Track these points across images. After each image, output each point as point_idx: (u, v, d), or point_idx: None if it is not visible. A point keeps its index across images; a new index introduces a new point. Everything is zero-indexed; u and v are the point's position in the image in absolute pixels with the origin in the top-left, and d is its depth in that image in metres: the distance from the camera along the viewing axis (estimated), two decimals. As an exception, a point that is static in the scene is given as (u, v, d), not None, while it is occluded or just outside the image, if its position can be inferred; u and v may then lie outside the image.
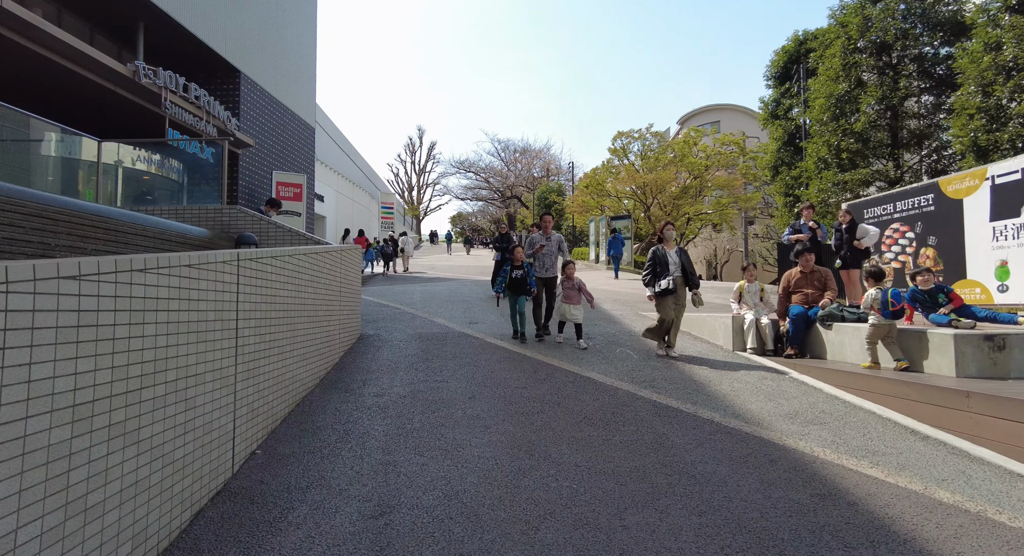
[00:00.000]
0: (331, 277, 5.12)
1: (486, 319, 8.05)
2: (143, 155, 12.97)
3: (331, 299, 5.10)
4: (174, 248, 5.20)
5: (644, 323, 7.83)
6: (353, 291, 6.27)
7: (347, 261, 5.97)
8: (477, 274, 17.45)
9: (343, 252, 5.74)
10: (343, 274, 5.71)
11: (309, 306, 4.38)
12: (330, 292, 5.08)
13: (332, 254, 5.19)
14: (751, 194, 22.81)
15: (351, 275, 6.13)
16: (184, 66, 13.59)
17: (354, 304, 6.32)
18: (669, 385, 4.79)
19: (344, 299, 5.72)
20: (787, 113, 15.83)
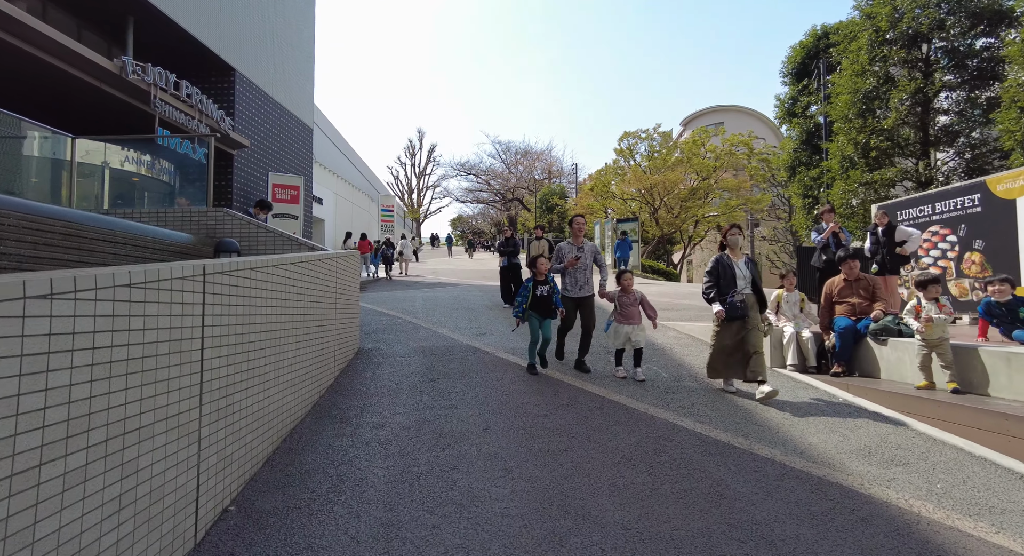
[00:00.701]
0: (326, 288, 4.53)
1: (495, 330, 7.45)
2: (132, 156, 12.41)
3: (325, 313, 4.52)
4: (149, 257, 4.62)
5: (669, 336, 7.24)
6: (351, 302, 5.69)
7: (344, 269, 5.38)
8: (480, 278, 16.87)
9: (340, 259, 5.16)
10: (340, 284, 5.12)
11: (299, 323, 3.79)
12: (324, 305, 4.49)
13: (327, 262, 4.61)
14: (760, 196, 22.25)
15: (349, 284, 5.55)
16: (176, 64, 13.03)
17: (352, 316, 5.73)
18: (711, 412, 4.20)
19: (341, 312, 5.14)
20: (805, 111, 15.23)
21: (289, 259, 3.64)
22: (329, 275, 4.65)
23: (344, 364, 5.36)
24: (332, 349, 4.75)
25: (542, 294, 5.14)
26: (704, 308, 9.63)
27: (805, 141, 15.34)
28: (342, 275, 5.22)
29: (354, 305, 5.84)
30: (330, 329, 4.66)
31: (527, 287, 5.16)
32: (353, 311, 5.78)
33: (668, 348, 6.42)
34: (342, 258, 5.24)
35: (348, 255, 5.49)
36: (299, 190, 16.03)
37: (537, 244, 9.35)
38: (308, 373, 3.98)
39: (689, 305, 10.28)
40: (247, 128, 15.30)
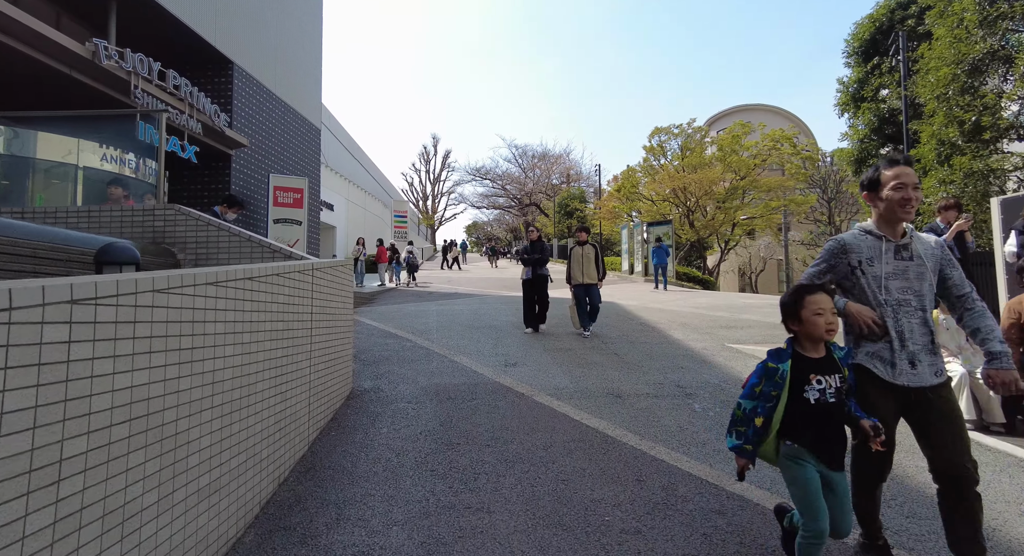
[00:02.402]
0: (293, 316, 3.06)
1: (528, 358, 5.91)
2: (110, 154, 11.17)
3: (293, 354, 3.04)
4: (40, 270, 3.18)
5: (744, 361, 5.62)
6: (338, 330, 4.21)
7: (328, 285, 3.90)
8: (501, 288, 15.34)
9: (320, 272, 3.68)
10: (320, 307, 3.64)
11: (237, 381, 2.30)
12: (291, 341, 3.01)
13: (296, 277, 3.13)
14: (806, 196, 20.43)
15: (334, 306, 4.07)
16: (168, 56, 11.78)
17: (340, 348, 4.25)
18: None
19: (321, 346, 3.65)
20: (876, 94, 13.41)
21: (235, 273, 2.16)
22: (299, 296, 3.16)
23: (328, 417, 3.86)
24: (305, 405, 3.26)
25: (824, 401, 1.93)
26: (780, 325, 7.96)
27: (876, 129, 13.48)
28: (323, 293, 3.73)
29: (343, 333, 4.35)
30: (301, 377, 3.17)
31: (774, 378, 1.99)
32: (342, 341, 4.29)
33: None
34: (323, 270, 3.75)
35: (332, 266, 4.00)
36: (303, 193, 14.73)
37: (580, 251, 7.47)
38: (254, 457, 2.49)
39: (753, 320, 8.62)
40: (247, 126, 14.03)
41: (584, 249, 7.48)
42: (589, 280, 7.29)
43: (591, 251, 7.48)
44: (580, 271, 7.33)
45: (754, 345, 6.60)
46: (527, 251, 8.00)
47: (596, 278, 7.35)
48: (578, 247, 7.55)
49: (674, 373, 5.27)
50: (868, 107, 13.44)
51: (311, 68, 18.67)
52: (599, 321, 7.78)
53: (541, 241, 8.11)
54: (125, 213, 4.50)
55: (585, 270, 7.32)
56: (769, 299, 12.49)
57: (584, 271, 7.32)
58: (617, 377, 5.12)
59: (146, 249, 4.27)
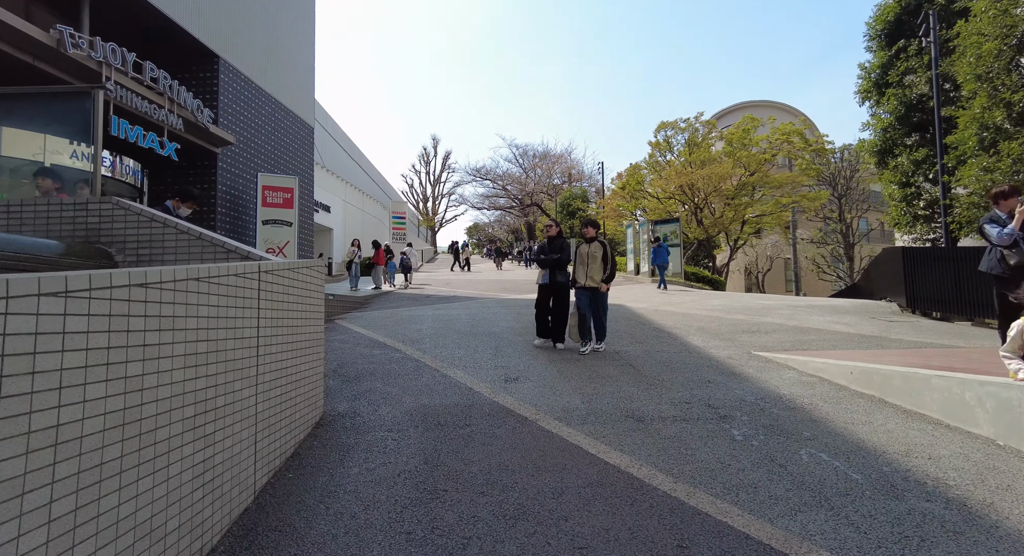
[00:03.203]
0: (232, 330, 2.35)
1: (531, 371, 5.18)
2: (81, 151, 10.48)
3: (233, 378, 2.33)
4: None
5: (788, 378, 4.89)
6: (305, 344, 3.50)
7: (291, 290, 3.20)
8: (501, 290, 14.62)
9: (277, 274, 2.98)
10: (278, 318, 2.94)
11: (135, 424, 1.59)
12: (232, 364, 2.31)
13: (235, 281, 2.43)
14: (818, 193, 19.65)
15: (299, 315, 3.36)
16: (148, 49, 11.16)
17: (307, 366, 3.54)
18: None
19: (276, 366, 2.95)
20: (902, 79, 12.61)
21: (53, 284, 1.45)
22: (238, 305, 2.45)
23: (287, 453, 3.14)
24: (249, 446, 2.55)
25: None
26: (806, 329, 7.24)
27: (902, 117, 12.65)
28: (279, 302, 3.02)
29: (311, 348, 3.64)
30: (242, 410, 2.46)
31: None
32: (309, 359, 3.58)
33: (809, 406, 4.06)
34: (279, 274, 3.04)
35: (293, 268, 3.29)
36: (293, 193, 14.04)
37: (586, 250, 6.31)
38: (148, 540, 1.77)
39: (776, 324, 7.89)
40: (234, 123, 13.35)
41: (591, 247, 6.31)
42: (594, 284, 6.21)
43: (598, 249, 6.29)
44: (584, 272, 6.27)
45: (784, 353, 5.87)
46: (543, 250, 6.60)
47: (600, 282, 6.23)
48: (584, 245, 6.40)
49: (701, 389, 4.55)
50: (893, 93, 12.57)
51: (303, 64, 17.99)
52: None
53: (562, 238, 6.65)
54: (52, 208, 3.80)
55: (590, 272, 6.24)
56: (787, 300, 11.75)
57: (589, 273, 6.24)
58: (635, 394, 4.40)
59: (73, 249, 3.57)
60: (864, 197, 24.84)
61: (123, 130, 9.40)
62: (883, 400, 4.09)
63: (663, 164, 20.83)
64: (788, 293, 31.61)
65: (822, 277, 26.39)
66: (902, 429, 3.49)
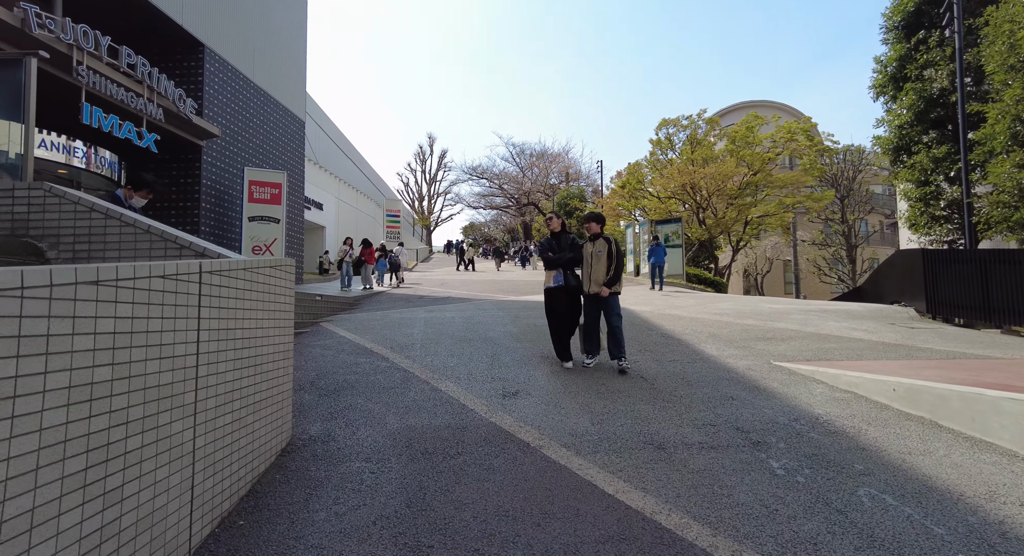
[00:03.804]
0: (158, 347, 1.81)
1: (532, 384, 4.64)
2: (50, 141, 9.87)
3: (160, 410, 1.79)
4: None
5: (818, 394, 4.37)
6: (268, 359, 2.96)
7: (249, 295, 2.66)
8: (497, 291, 14.08)
9: (227, 276, 2.44)
10: (228, 328, 2.40)
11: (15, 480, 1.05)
12: (156, 391, 1.77)
13: (161, 284, 1.89)
14: (823, 193, 19.20)
15: (259, 325, 2.82)
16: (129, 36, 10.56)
17: (270, 385, 2.99)
18: None
19: (226, 390, 2.40)
20: (921, 73, 12.12)
21: None
22: (169, 316, 1.91)
23: (242, 491, 2.60)
24: (185, 491, 2.00)
25: None
26: (824, 336, 6.70)
27: (921, 112, 12.11)
28: (229, 310, 2.47)
29: (276, 363, 3.09)
30: (174, 448, 1.92)
31: None
32: (273, 376, 3.03)
33: (852, 430, 3.53)
34: (229, 275, 2.49)
35: (250, 268, 2.74)
36: (281, 188, 13.44)
37: (591, 248, 5.42)
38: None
39: (792, 331, 7.38)
40: (220, 115, 12.75)
41: (595, 245, 5.41)
42: (597, 288, 5.36)
43: (602, 247, 5.39)
44: (587, 276, 5.40)
45: (808, 364, 5.36)
46: (550, 247, 5.54)
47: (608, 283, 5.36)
48: (588, 243, 5.50)
49: (724, 406, 4.02)
50: (912, 87, 12.03)
51: (295, 56, 17.37)
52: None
53: (567, 232, 5.61)
54: (-27, 195, 3.24)
55: (594, 273, 5.35)
56: (797, 304, 11.26)
57: (592, 275, 5.36)
58: (651, 414, 3.87)
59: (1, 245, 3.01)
60: (867, 198, 24.47)
61: (96, 118, 8.80)
62: (936, 424, 3.57)
63: (664, 162, 20.32)
64: (788, 295, 31.21)
65: (824, 279, 25.96)
66: (972, 463, 2.97)
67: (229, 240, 12.69)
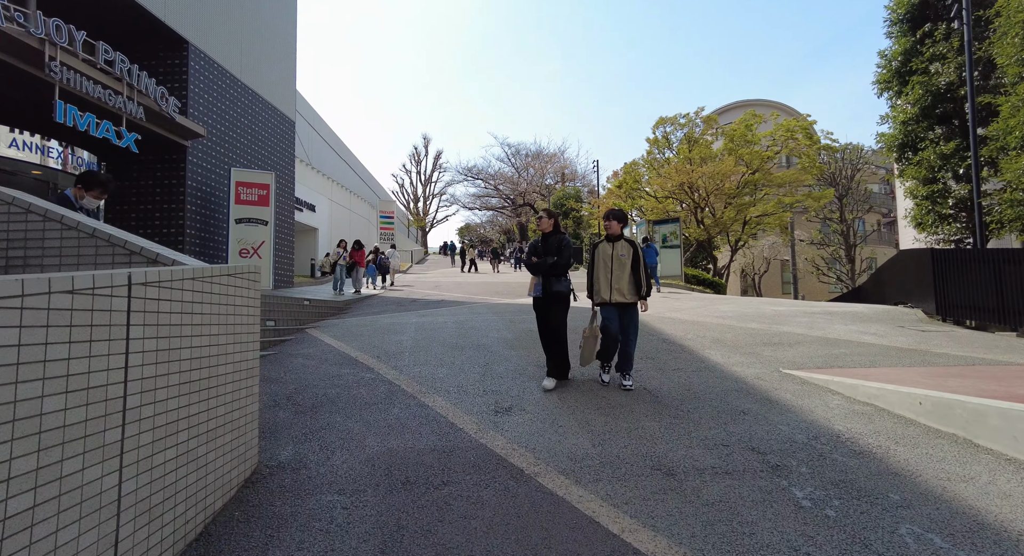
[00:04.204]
0: (84, 374, 1.47)
1: (525, 397, 4.30)
2: (23, 141, 9.48)
3: (86, 448, 1.45)
4: None
5: (835, 408, 4.04)
6: (230, 375, 2.61)
7: (216, 304, 2.31)
8: (492, 294, 13.74)
9: (187, 283, 2.09)
10: (188, 344, 2.05)
11: None
12: (88, 427, 1.43)
13: (61, 301, 1.55)
14: (823, 192, 18.93)
15: (225, 339, 2.48)
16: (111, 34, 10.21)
17: (229, 410, 2.65)
18: None
19: (182, 414, 2.06)
20: (927, 67, 11.83)
21: None
22: (82, 340, 1.56)
23: (191, 536, 2.25)
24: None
25: None
26: (832, 340, 6.36)
27: (928, 107, 11.81)
28: (184, 325, 2.12)
29: (238, 384, 2.74)
30: (89, 508, 1.57)
31: None
32: (234, 399, 2.68)
33: (879, 450, 3.20)
34: (183, 284, 2.14)
35: (201, 277, 2.39)
36: (269, 189, 13.06)
37: (609, 250, 4.74)
38: None
39: (798, 335, 7.06)
40: (206, 115, 12.37)
41: (615, 247, 4.72)
42: (621, 297, 4.64)
43: (626, 250, 4.71)
44: (607, 282, 4.69)
45: (820, 372, 5.03)
46: (535, 250, 4.83)
47: (634, 294, 4.69)
48: (605, 244, 4.82)
49: (736, 423, 3.69)
50: (918, 81, 11.79)
51: (284, 54, 16.98)
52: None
53: (560, 233, 4.87)
54: None
55: (616, 281, 4.65)
56: (800, 306, 10.96)
57: (614, 283, 4.66)
58: (657, 432, 3.53)
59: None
60: (865, 197, 24.26)
61: (71, 117, 8.43)
62: (972, 443, 3.24)
63: (662, 162, 20.01)
64: (785, 295, 30.96)
65: (822, 279, 25.72)
66: (998, 470, 2.64)
67: (216, 243, 12.32)
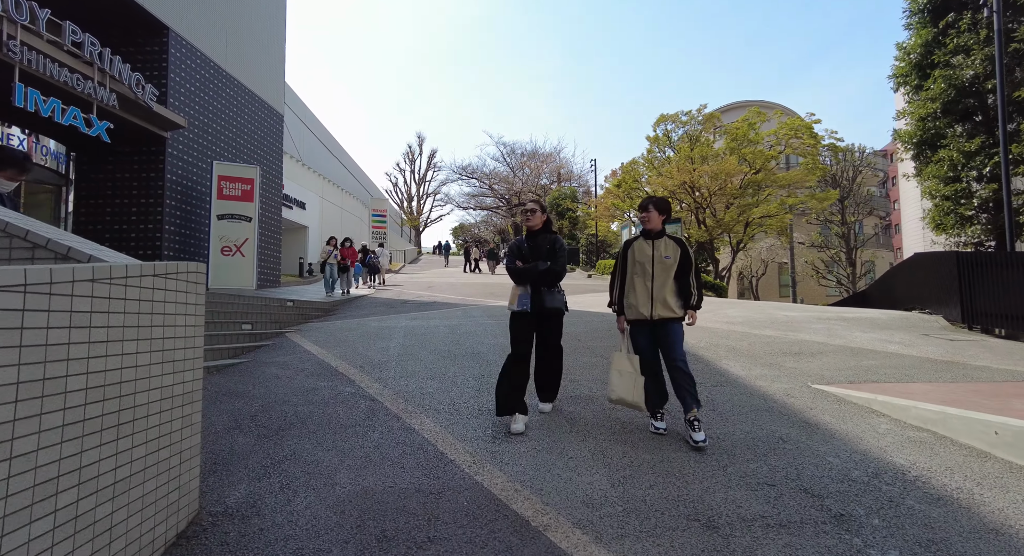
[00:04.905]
0: None
1: (529, 418, 3.71)
2: None
3: None
4: None
5: (885, 434, 3.49)
6: (159, 401, 2.03)
7: (139, 313, 1.73)
8: (487, 295, 13.16)
9: (81, 286, 1.52)
10: (89, 368, 1.47)
11: None
12: None
13: None
14: (827, 193, 18.51)
15: (151, 357, 1.90)
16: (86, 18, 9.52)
17: (161, 444, 2.06)
18: None
19: (67, 471, 1.48)
20: (950, 60, 11.34)
21: None
22: None
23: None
24: None
25: None
26: (857, 350, 5.80)
27: (950, 102, 11.31)
28: (77, 346, 1.54)
29: (170, 413, 2.15)
30: None
31: None
32: (163, 435, 2.10)
33: (962, 495, 2.66)
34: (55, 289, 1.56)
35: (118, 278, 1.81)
36: (253, 184, 12.40)
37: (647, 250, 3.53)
38: None
39: (818, 343, 6.52)
40: (187, 105, 11.71)
41: (657, 246, 3.49)
42: (667, 311, 3.42)
43: (672, 250, 3.47)
44: (647, 292, 3.46)
45: (855, 389, 4.49)
46: (519, 250, 3.82)
47: (681, 306, 3.46)
48: (642, 242, 3.56)
49: (777, 453, 3.13)
50: (942, 74, 11.28)
51: (272, 45, 16.31)
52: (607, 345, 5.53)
53: (551, 232, 3.87)
54: None
55: (659, 290, 3.43)
56: (811, 311, 10.45)
57: (656, 293, 3.43)
58: (687, 466, 2.96)
59: None
60: (867, 198, 23.90)
61: (33, 101, 7.77)
62: None
63: (663, 160, 19.52)
64: (783, 298, 30.55)
65: (822, 282, 25.33)
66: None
67: (197, 240, 11.67)
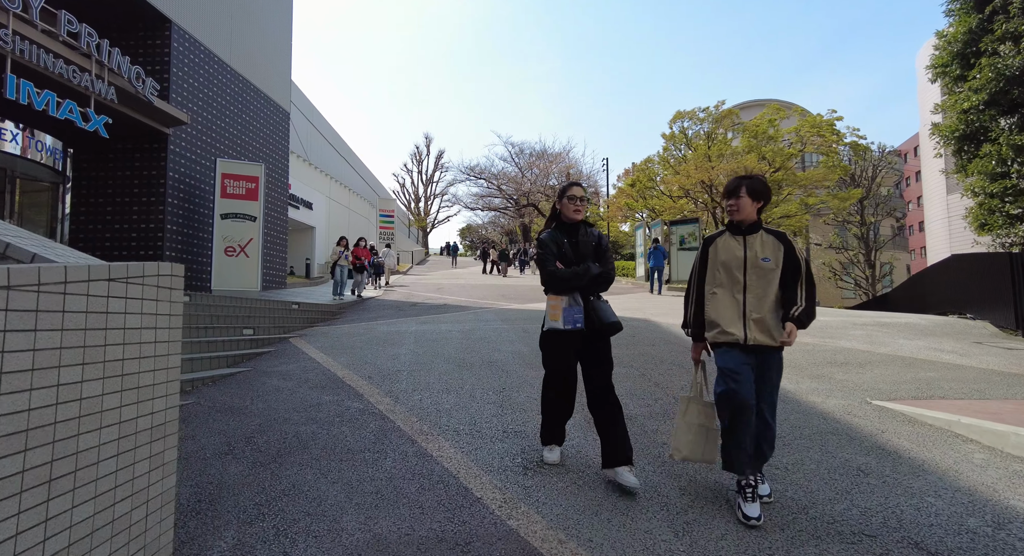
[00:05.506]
0: None
1: (563, 444, 3.22)
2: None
3: None
4: None
5: (959, 450, 2.97)
6: (116, 440, 1.58)
7: (94, 328, 1.28)
8: (500, 298, 12.68)
9: None
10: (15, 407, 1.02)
11: None
12: None
13: None
14: (849, 192, 17.89)
15: (112, 382, 1.45)
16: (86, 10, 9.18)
17: (124, 492, 1.62)
18: None
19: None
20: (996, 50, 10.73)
21: None
22: None
23: None
24: None
25: None
26: (908, 360, 5.25)
27: (997, 93, 10.50)
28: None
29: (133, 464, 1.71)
30: None
31: None
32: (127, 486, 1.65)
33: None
34: None
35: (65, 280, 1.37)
36: (258, 182, 12.00)
37: (740, 250, 2.51)
38: None
39: (862, 351, 5.99)
40: (190, 101, 11.33)
41: (750, 244, 2.51)
42: (765, 336, 2.44)
43: (772, 249, 2.49)
44: (737, 307, 2.50)
45: (925, 407, 3.98)
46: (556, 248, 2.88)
47: (779, 332, 2.44)
48: (728, 239, 2.58)
49: (861, 490, 2.63)
50: (989, 63, 10.60)
51: (278, 41, 15.93)
52: (635, 354, 5.05)
53: (590, 228, 3.00)
54: None
55: (754, 304, 2.47)
56: (843, 315, 9.90)
57: (751, 308, 2.47)
58: (762, 508, 2.48)
59: None
60: (887, 199, 23.23)
61: (26, 93, 7.39)
62: None
63: (679, 158, 18.97)
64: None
65: (840, 284, 24.67)
66: None
67: (199, 240, 11.29)
